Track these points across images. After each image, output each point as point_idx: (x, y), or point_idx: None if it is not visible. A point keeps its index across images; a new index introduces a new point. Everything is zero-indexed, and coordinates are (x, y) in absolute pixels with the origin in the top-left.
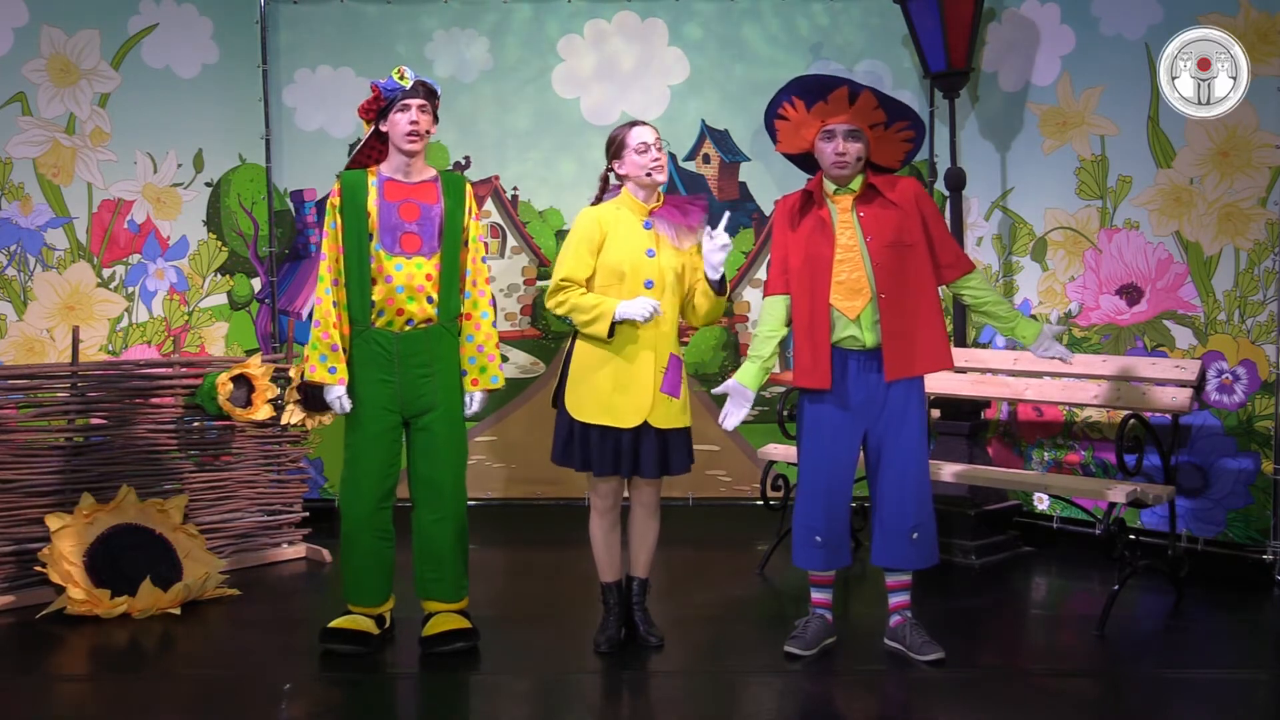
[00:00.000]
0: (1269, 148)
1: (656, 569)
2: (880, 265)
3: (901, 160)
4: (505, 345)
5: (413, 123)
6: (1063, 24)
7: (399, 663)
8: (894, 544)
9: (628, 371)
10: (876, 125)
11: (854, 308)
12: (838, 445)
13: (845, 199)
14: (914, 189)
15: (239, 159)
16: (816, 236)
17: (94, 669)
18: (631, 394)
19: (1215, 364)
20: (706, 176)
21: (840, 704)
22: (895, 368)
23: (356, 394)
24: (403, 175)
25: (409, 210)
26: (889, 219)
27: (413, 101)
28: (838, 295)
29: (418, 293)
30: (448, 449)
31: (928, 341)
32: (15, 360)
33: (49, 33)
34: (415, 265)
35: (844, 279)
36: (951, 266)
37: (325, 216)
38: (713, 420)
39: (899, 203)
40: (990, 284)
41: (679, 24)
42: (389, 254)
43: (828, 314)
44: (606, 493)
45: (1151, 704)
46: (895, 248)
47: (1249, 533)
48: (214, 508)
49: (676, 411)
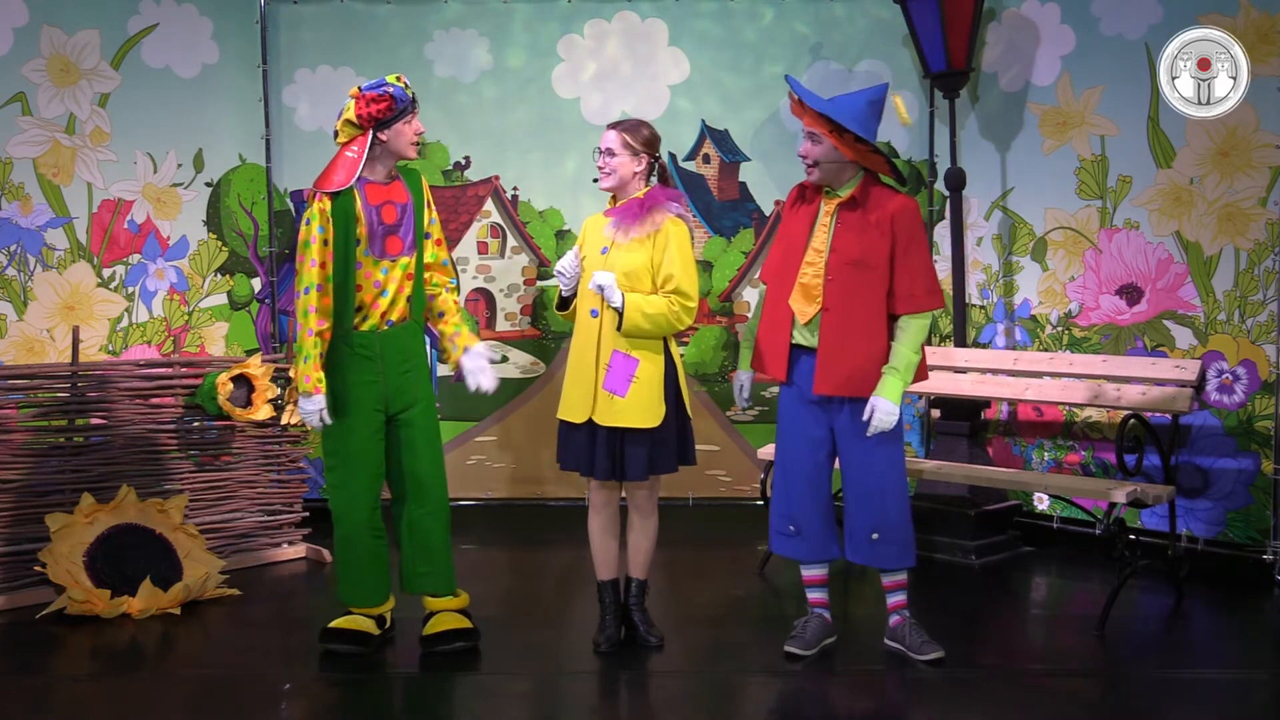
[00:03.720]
0: (1269, 148)
1: (656, 569)
2: (834, 280)
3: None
4: (505, 345)
5: (419, 132)
6: (1063, 24)
7: (399, 663)
8: (857, 543)
9: (575, 366)
10: (833, 131)
11: (805, 313)
12: (801, 437)
13: (832, 202)
14: (895, 212)
15: (239, 159)
16: (800, 231)
17: (94, 669)
18: (578, 387)
19: (1215, 364)
20: (706, 176)
21: (840, 704)
22: (824, 382)
23: (346, 398)
24: (382, 179)
25: (389, 212)
26: (860, 237)
27: (415, 110)
28: (796, 296)
29: (399, 294)
30: (429, 442)
31: (865, 363)
32: (15, 360)
33: (49, 33)
34: (400, 267)
35: (805, 282)
36: (903, 300)
37: (311, 220)
38: (713, 420)
39: (876, 223)
40: (924, 334)
41: (679, 24)
42: (376, 259)
43: (790, 312)
44: (596, 490)
45: (1151, 704)
46: (855, 266)
47: (1249, 533)
48: (214, 508)
49: (622, 410)
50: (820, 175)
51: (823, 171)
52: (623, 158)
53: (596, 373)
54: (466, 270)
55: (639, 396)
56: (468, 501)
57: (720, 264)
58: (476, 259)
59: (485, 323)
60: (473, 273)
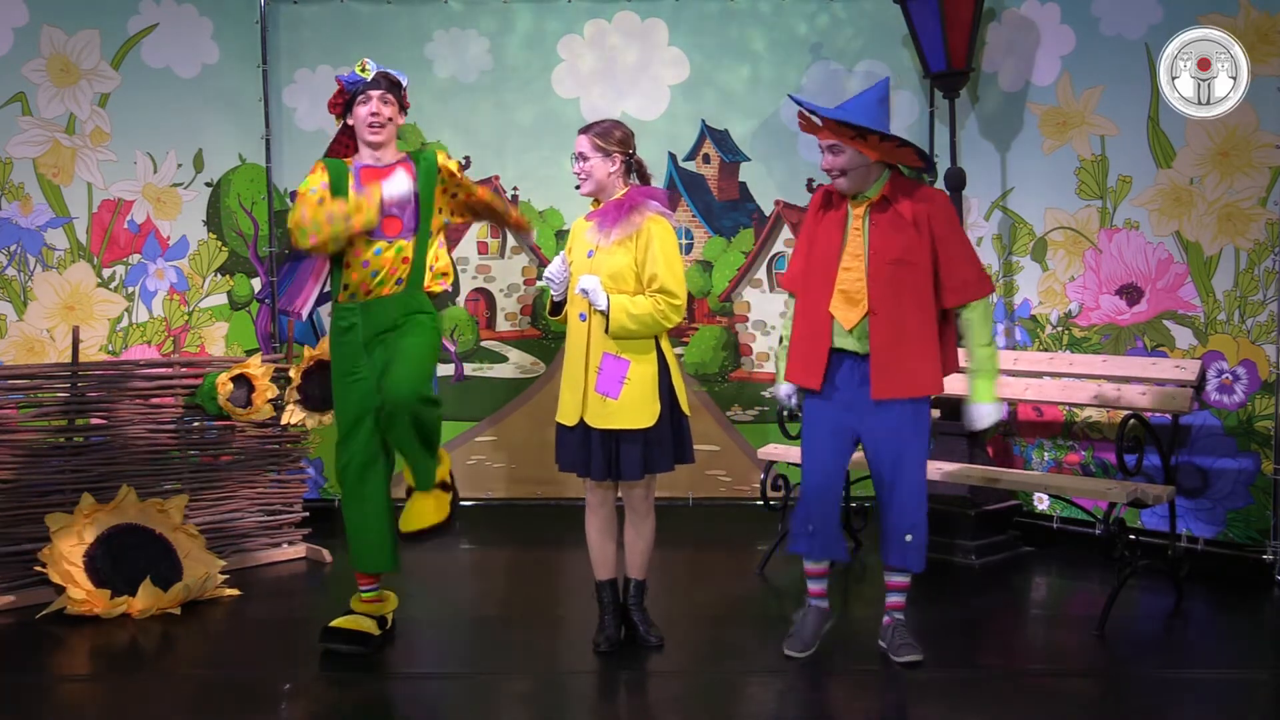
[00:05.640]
0: (1269, 148)
1: (656, 569)
2: (877, 281)
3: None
4: (505, 345)
5: (373, 114)
6: (1063, 24)
7: (399, 663)
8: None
9: (568, 368)
10: (855, 138)
11: (850, 319)
12: (828, 443)
13: (861, 206)
14: (930, 206)
15: (239, 159)
16: (831, 237)
17: (94, 669)
18: (570, 390)
19: (1215, 364)
20: (706, 176)
21: (839, 704)
22: (881, 387)
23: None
24: (374, 161)
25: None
26: (896, 235)
27: (373, 93)
28: (837, 303)
29: (389, 275)
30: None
31: (918, 364)
32: (15, 360)
33: (49, 33)
34: (394, 250)
35: (845, 287)
36: (953, 291)
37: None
38: (713, 420)
39: (911, 219)
40: (989, 321)
41: (679, 24)
42: (369, 240)
43: (829, 319)
44: (592, 490)
45: (1151, 704)
46: (896, 265)
47: (1249, 533)
48: (214, 508)
49: (615, 411)
50: (849, 183)
51: (850, 179)
52: (595, 160)
53: (587, 375)
54: (466, 270)
55: (632, 397)
56: (468, 502)
57: (720, 264)
58: (476, 259)
59: (485, 323)
60: (473, 273)
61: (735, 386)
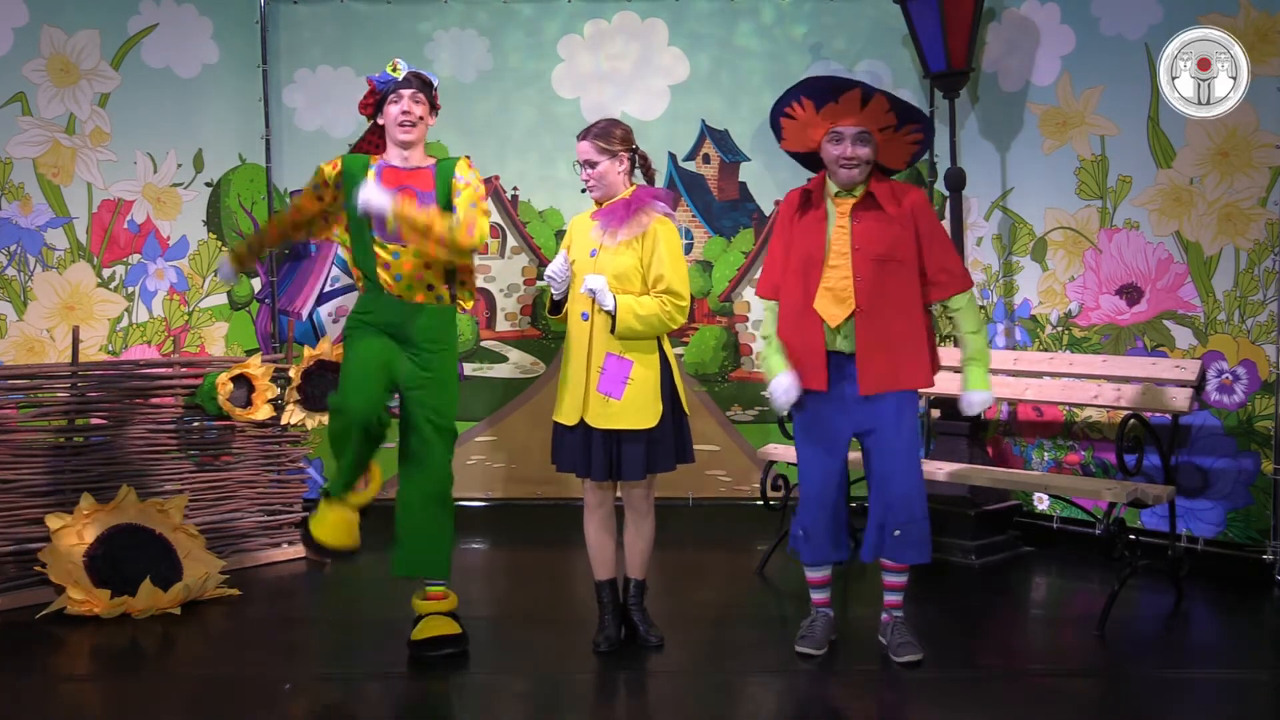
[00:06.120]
0: (1269, 148)
1: (656, 569)
2: (863, 278)
3: (907, 161)
4: (505, 345)
5: (404, 112)
6: (1063, 24)
7: (397, 663)
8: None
9: (568, 368)
10: (886, 129)
11: (836, 316)
12: (822, 445)
13: (846, 203)
14: (914, 202)
15: (239, 159)
16: (813, 238)
17: (94, 669)
18: (570, 390)
19: (1215, 364)
20: (706, 176)
21: (839, 703)
22: (869, 383)
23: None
24: (400, 162)
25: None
26: (882, 232)
27: (405, 92)
28: (823, 301)
29: (417, 281)
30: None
31: (906, 359)
32: (15, 360)
33: (49, 33)
34: (412, 254)
35: (831, 285)
36: (941, 285)
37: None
38: (713, 420)
39: (896, 216)
40: (975, 309)
41: (679, 24)
42: (384, 242)
43: (820, 322)
44: (591, 490)
45: (1151, 704)
46: (882, 262)
47: (1249, 533)
48: (214, 508)
49: (618, 412)
50: (860, 175)
51: (863, 171)
52: (603, 164)
53: (588, 375)
54: None
55: (634, 397)
56: (468, 502)
57: (720, 264)
58: (476, 259)
59: (485, 323)
60: None
61: (735, 386)
